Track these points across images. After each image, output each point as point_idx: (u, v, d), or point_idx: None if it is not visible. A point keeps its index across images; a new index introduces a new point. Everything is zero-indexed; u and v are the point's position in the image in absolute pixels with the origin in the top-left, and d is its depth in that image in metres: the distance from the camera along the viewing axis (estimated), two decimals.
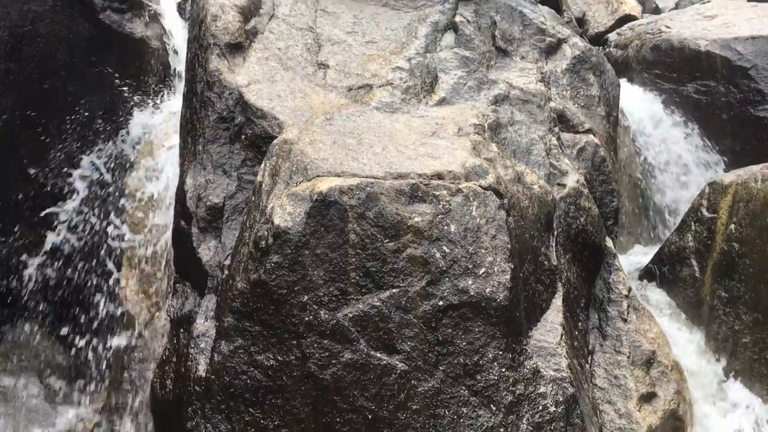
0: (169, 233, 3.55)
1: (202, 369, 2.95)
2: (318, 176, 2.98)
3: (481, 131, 3.32)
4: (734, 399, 3.31)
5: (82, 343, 3.85)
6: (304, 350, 2.85)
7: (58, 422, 3.72)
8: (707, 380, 3.40)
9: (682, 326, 3.55)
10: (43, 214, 3.91)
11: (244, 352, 2.89)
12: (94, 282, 3.84)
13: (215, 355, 2.92)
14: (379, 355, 2.84)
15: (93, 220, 3.89)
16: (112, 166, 4.01)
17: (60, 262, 3.88)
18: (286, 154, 3.12)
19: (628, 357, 3.30)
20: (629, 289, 3.49)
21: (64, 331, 3.90)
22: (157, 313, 3.75)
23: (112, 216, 3.89)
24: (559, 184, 3.52)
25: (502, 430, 2.80)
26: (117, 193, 3.97)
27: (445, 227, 2.93)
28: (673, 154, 4.69)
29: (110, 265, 3.82)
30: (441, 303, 2.88)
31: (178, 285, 3.36)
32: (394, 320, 2.86)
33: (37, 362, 3.88)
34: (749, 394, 3.30)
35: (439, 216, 2.94)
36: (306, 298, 2.87)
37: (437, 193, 2.96)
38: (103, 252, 3.83)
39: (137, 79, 4.27)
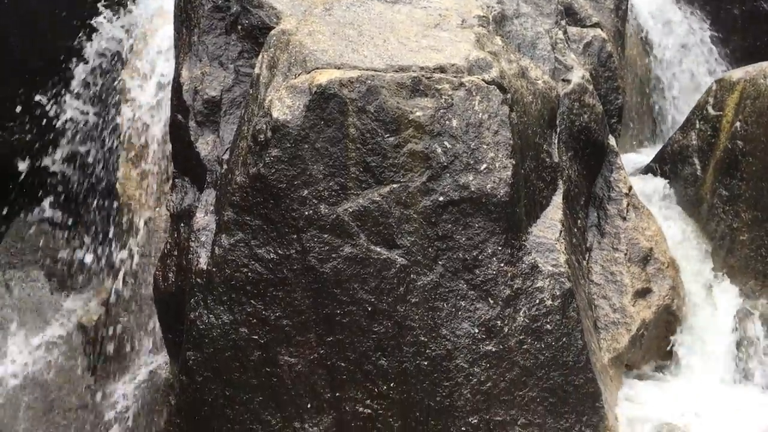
0: None
1: (203, 262, 2.98)
2: (317, 68, 2.91)
3: (485, 23, 3.22)
4: (729, 295, 3.37)
5: (84, 236, 3.88)
6: (304, 244, 2.87)
7: (63, 314, 3.80)
8: (703, 277, 3.45)
9: (680, 224, 3.57)
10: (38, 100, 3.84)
11: (244, 246, 2.91)
12: (96, 174, 3.83)
13: (216, 248, 2.94)
14: (379, 249, 2.87)
15: (92, 108, 3.84)
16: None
17: (60, 155, 3.85)
18: (284, 45, 3.04)
19: (626, 254, 3.34)
20: (629, 188, 3.49)
21: (66, 224, 3.92)
22: (157, 208, 3.76)
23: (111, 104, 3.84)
24: (563, 80, 3.44)
25: (499, 322, 2.87)
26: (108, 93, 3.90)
27: (447, 122, 2.89)
28: (681, 50, 4.57)
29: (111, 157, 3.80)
30: (441, 198, 2.88)
31: (176, 180, 3.35)
32: (395, 215, 2.87)
33: (40, 256, 3.92)
34: (744, 291, 3.36)
35: (441, 110, 2.89)
36: (306, 192, 2.87)
37: (439, 86, 2.90)
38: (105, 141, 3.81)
39: None
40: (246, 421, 2.93)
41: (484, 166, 2.90)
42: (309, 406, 2.90)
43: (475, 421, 2.83)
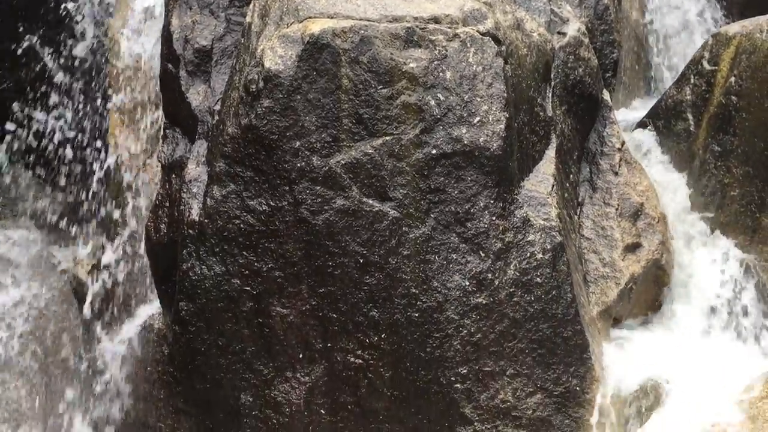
0: None
1: (195, 213, 2.98)
2: (310, 17, 2.87)
3: None
4: (718, 250, 3.40)
5: (76, 190, 3.85)
6: (296, 196, 2.87)
7: (56, 266, 3.80)
8: (692, 232, 3.48)
9: (672, 180, 3.58)
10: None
11: (236, 197, 2.91)
12: (85, 124, 3.79)
13: (208, 199, 2.94)
14: (371, 202, 2.87)
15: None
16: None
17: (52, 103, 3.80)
18: None
19: (617, 209, 3.35)
20: (622, 143, 3.48)
21: (58, 178, 3.89)
22: (148, 160, 3.74)
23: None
24: (559, 33, 3.41)
25: (489, 275, 2.89)
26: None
27: (441, 74, 2.87)
28: (678, 4, 4.52)
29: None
30: (434, 151, 2.87)
31: (167, 131, 3.33)
32: (387, 168, 2.86)
33: (33, 208, 3.90)
34: (732, 246, 3.39)
35: (435, 62, 2.87)
36: (298, 144, 2.86)
37: (433, 37, 2.87)
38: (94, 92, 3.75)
39: None
40: (239, 371, 2.96)
41: (478, 119, 2.88)
42: (301, 356, 2.93)
43: (465, 371, 2.88)
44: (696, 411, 2.88)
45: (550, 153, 3.17)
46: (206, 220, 2.93)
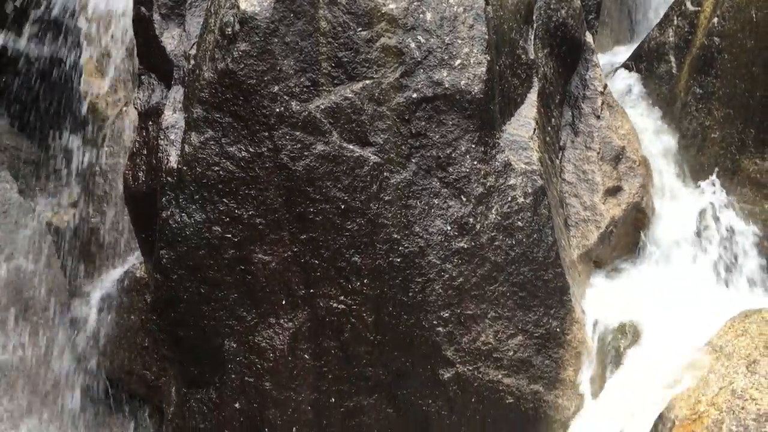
0: None
1: (173, 160, 2.93)
2: None
3: None
4: (698, 193, 3.42)
5: (51, 138, 3.79)
6: (276, 142, 2.84)
7: (34, 215, 3.76)
8: (673, 175, 3.49)
9: (654, 122, 3.57)
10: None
11: (215, 144, 2.87)
12: (61, 75, 3.71)
13: (186, 146, 2.90)
14: (351, 147, 2.84)
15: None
16: None
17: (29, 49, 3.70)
18: None
19: (598, 153, 3.35)
20: (605, 86, 3.46)
21: (33, 126, 3.82)
22: (124, 107, 3.67)
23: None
24: None
25: (471, 219, 2.89)
26: None
27: (421, 15, 2.81)
28: None
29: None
30: (415, 95, 2.83)
31: (143, 77, 3.25)
32: (367, 112, 2.83)
33: (8, 157, 3.84)
34: (712, 188, 3.41)
35: (415, 3, 2.81)
36: (276, 88, 2.81)
37: None
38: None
39: None
40: (222, 318, 2.97)
41: (459, 61, 2.84)
42: (284, 302, 2.94)
43: (447, 314, 2.90)
44: (674, 349, 2.94)
45: (532, 96, 3.14)
46: (185, 168, 2.90)
